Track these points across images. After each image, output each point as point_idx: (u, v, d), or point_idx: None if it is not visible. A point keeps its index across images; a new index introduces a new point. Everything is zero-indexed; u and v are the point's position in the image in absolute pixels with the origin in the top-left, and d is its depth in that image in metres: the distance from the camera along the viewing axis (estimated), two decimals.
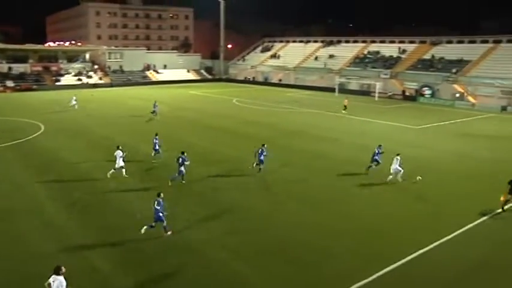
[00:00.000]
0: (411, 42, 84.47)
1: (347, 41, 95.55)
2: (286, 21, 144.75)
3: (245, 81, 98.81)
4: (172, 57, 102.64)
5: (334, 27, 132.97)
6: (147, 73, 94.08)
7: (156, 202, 16.81)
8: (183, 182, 23.32)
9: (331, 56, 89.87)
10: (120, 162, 23.59)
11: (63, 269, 11.52)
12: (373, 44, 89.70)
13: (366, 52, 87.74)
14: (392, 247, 16.51)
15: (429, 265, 15.27)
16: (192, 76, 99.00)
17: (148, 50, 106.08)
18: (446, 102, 64.73)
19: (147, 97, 64.89)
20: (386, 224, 18.84)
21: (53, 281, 11.29)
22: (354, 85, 78.23)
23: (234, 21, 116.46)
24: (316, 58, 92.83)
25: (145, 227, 16.94)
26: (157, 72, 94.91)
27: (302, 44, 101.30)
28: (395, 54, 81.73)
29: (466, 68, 69.26)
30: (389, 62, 79.81)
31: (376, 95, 70.43)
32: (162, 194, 17.11)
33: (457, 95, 66.29)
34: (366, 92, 73.96)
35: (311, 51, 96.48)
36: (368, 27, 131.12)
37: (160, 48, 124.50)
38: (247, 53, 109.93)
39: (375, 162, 25.86)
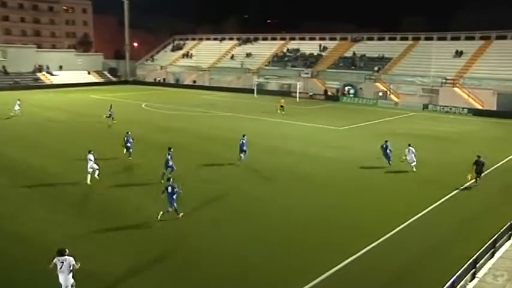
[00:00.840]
0: (332, 39, 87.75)
1: (265, 38, 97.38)
2: (198, 17, 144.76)
3: (155, 83, 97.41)
4: (70, 57, 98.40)
5: (250, 23, 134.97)
6: (40, 75, 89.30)
7: (169, 188, 19.18)
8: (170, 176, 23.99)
9: (248, 55, 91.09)
10: (93, 166, 24.60)
11: (67, 251, 12.56)
12: (293, 41, 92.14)
13: (285, 50, 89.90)
14: (320, 255, 16.75)
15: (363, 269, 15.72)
16: (93, 78, 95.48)
17: (40, 48, 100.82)
18: (370, 102, 67.95)
19: (40, 103, 61.43)
20: (310, 231, 19.09)
21: (62, 262, 12.35)
22: (273, 85, 79.84)
23: (139, 17, 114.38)
24: (232, 57, 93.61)
25: (161, 212, 19.18)
26: (52, 74, 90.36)
27: (216, 42, 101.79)
28: (316, 52, 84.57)
29: (387, 66, 73.28)
30: (309, 60, 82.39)
31: (297, 95, 72.25)
32: (171, 179, 19.80)
33: (380, 93, 69.91)
34: (286, 93, 75.45)
35: (226, 49, 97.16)
36: (287, 23, 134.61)
37: (54, 46, 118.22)
38: (156, 52, 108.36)
39: (386, 158, 29.20)
